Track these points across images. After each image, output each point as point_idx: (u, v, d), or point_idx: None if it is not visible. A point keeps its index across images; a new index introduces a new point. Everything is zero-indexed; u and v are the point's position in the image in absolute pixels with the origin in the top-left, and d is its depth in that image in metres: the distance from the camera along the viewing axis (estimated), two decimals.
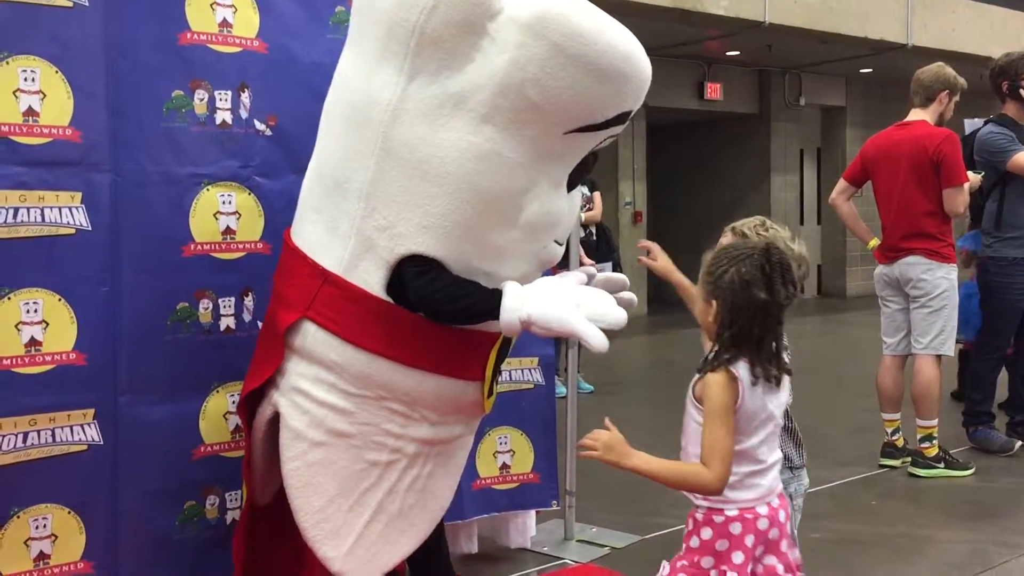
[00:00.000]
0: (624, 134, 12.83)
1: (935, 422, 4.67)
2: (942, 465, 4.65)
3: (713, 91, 13.03)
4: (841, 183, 5.00)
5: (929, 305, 4.61)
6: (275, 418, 2.52)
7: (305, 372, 2.46)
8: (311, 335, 2.43)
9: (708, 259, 2.09)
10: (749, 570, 1.99)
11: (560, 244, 2.53)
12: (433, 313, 2.35)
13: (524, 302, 2.25)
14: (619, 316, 2.23)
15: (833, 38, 11.43)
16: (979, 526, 3.91)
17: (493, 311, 2.28)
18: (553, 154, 2.32)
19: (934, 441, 4.67)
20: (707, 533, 2.02)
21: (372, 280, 2.36)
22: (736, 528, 2.00)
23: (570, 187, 2.50)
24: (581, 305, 2.22)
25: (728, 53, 12.50)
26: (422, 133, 2.26)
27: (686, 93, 12.94)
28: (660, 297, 11.77)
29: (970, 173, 4.77)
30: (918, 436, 4.69)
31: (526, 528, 3.57)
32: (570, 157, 2.38)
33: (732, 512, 2.01)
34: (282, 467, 2.48)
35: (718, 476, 1.94)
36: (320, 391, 2.44)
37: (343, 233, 2.38)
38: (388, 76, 2.28)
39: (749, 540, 2.00)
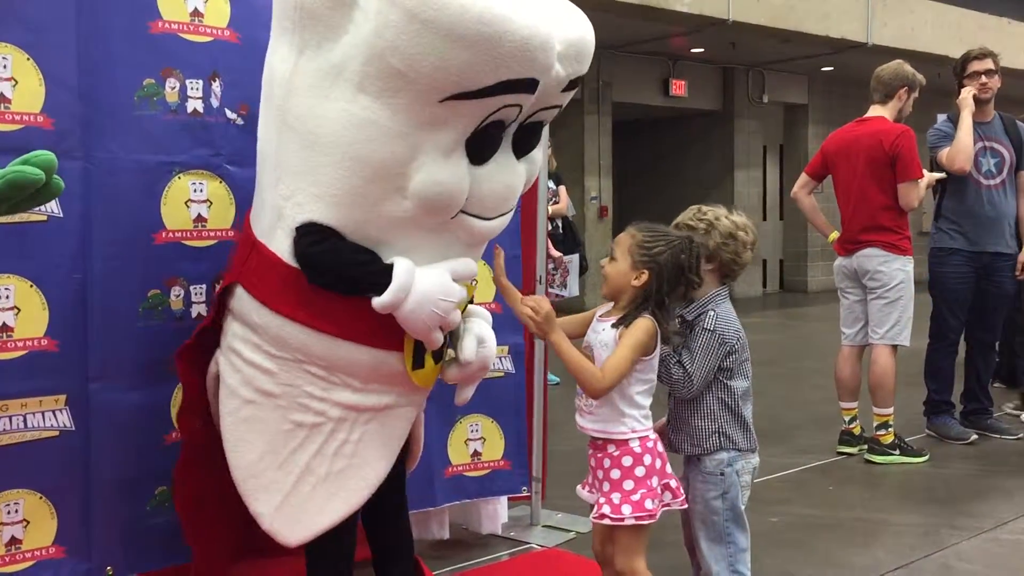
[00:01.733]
0: (590, 129, 12.83)
1: (891, 410, 4.80)
2: (897, 452, 4.78)
3: (678, 88, 13.16)
4: (803, 177, 5.12)
5: (886, 296, 4.74)
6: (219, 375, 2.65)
7: (237, 332, 2.57)
8: (240, 298, 2.55)
9: (639, 236, 2.49)
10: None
11: (484, 219, 2.48)
12: (314, 276, 2.42)
13: (399, 295, 2.35)
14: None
15: (795, 36, 11.61)
16: (932, 510, 4.04)
17: (378, 287, 2.35)
18: (434, 122, 2.28)
19: (890, 429, 4.80)
20: (647, 459, 2.46)
21: (284, 248, 2.45)
22: (660, 447, 2.51)
23: (520, 152, 2.48)
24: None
25: (693, 50, 12.63)
26: (310, 104, 2.34)
27: (651, 89, 13.06)
28: None
29: (926, 171, 4.91)
30: (874, 424, 4.82)
31: (497, 514, 3.62)
32: (455, 125, 2.31)
33: (652, 436, 2.50)
34: (220, 422, 2.59)
35: (605, 386, 2.42)
36: (247, 350, 2.54)
37: (267, 203, 2.50)
38: (284, 51, 2.40)
39: (660, 457, 2.51)
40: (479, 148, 2.37)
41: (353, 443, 2.56)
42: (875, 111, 4.87)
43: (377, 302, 2.35)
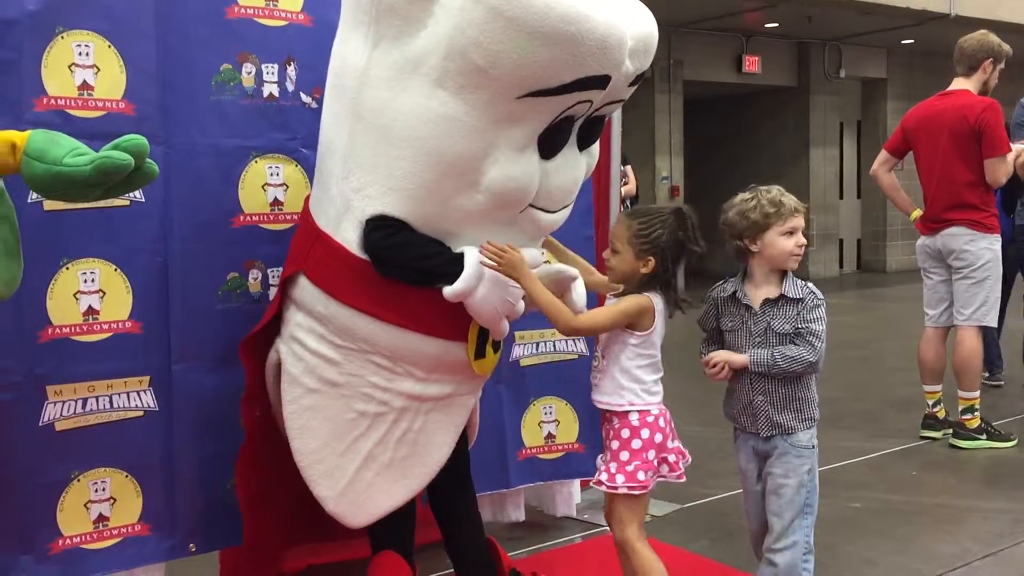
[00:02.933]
0: (661, 108, 12.66)
1: (977, 394, 4.64)
2: (984, 437, 4.62)
3: (751, 64, 12.89)
4: (882, 154, 4.96)
5: (972, 276, 4.57)
6: (280, 363, 2.68)
7: (301, 322, 2.60)
8: (305, 288, 2.57)
9: (634, 225, 2.48)
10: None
11: (550, 212, 2.50)
12: (386, 268, 2.44)
13: (471, 282, 2.37)
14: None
15: (874, 8, 11.24)
16: (1021, 496, 3.89)
17: (450, 277, 2.37)
18: (510, 118, 2.29)
19: (976, 413, 4.64)
20: (645, 432, 2.48)
21: (351, 239, 2.47)
22: (661, 422, 2.51)
23: (582, 145, 2.48)
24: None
25: (767, 25, 12.35)
26: (385, 98, 2.34)
27: (724, 66, 12.82)
28: (698, 270, 11.72)
29: (1017, 144, 4.71)
30: (960, 408, 4.66)
31: (571, 497, 3.60)
32: (531, 121, 2.32)
33: (655, 411, 2.51)
34: (283, 409, 2.62)
35: (576, 327, 2.56)
36: (312, 340, 2.57)
37: (332, 194, 2.51)
38: (358, 43, 2.39)
39: (661, 432, 2.51)
40: (550, 143, 2.39)
41: (415, 431, 2.60)
42: (959, 84, 4.68)
43: (449, 290, 2.37)
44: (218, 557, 2.93)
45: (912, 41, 13.41)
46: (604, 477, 2.49)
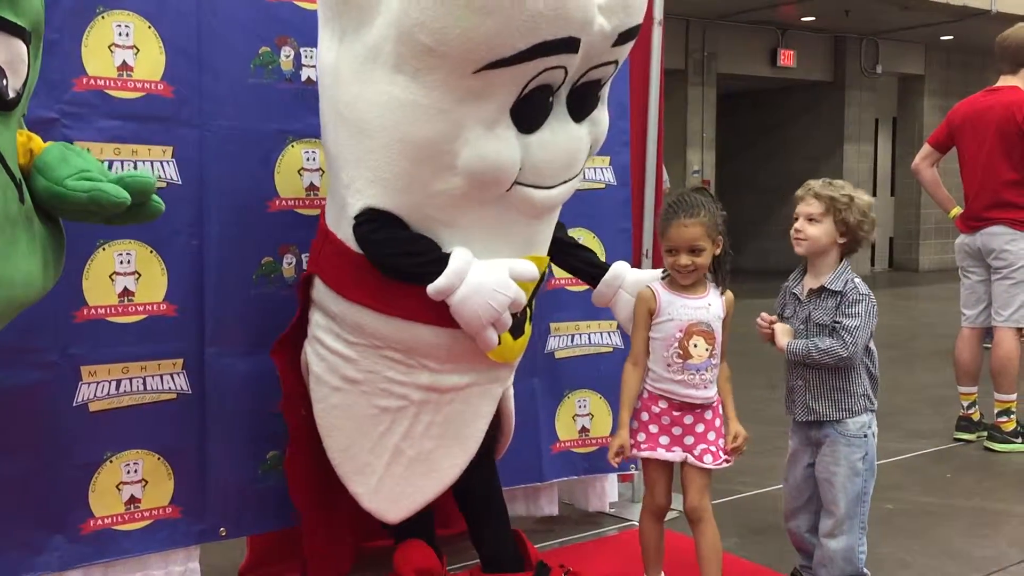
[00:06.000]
0: (693, 101, 12.61)
1: (1014, 396, 4.56)
2: (1020, 440, 4.54)
3: (786, 58, 12.76)
4: (925, 148, 4.86)
5: (1012, 277, 4.49)
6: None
7: (320, 322, 2.62)
8: (319, 288, 2.61)
9: (714, 214, 2.57)
10: None
11: (543, 188, 2.43)
12: (374, 262, 2.44)
13: (453, 280, 2.35)
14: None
15: (914, 3, 11.09)
16: None
17: (433, 276, 2.35)
18: (471, 95, 2.23)
19: (1012, 415, 4.56)
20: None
21: (349, 235, 2.47)
22: None
23: (578, 115, 2.41)
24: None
25: (803, 19, 12.21)
26: (355, 91, 2.34)
27: (758, 60, 12.70)
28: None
29: None
30: (995, 410, 4.58)
31: (604, 492, 3.56)
32: (495, 95, 2.25)
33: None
34: (313, 410, 2.64)
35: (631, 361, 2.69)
36: (330, 339, 2.59)
37: (333, 193, 2.54)
38: (328, 40, 2.41)
39: None
40: (526, 116, 2.32)
41: (439, 424, 2.58)
42: (1006, 81, 4.58)
43: (431, 287, 2.35)
44: (247, 543, 2.93)
45: (951, 37, 13.21)
46: (709, 459, 2.59)
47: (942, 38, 13.37)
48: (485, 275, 2.37)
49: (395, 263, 2.42)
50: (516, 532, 2.86)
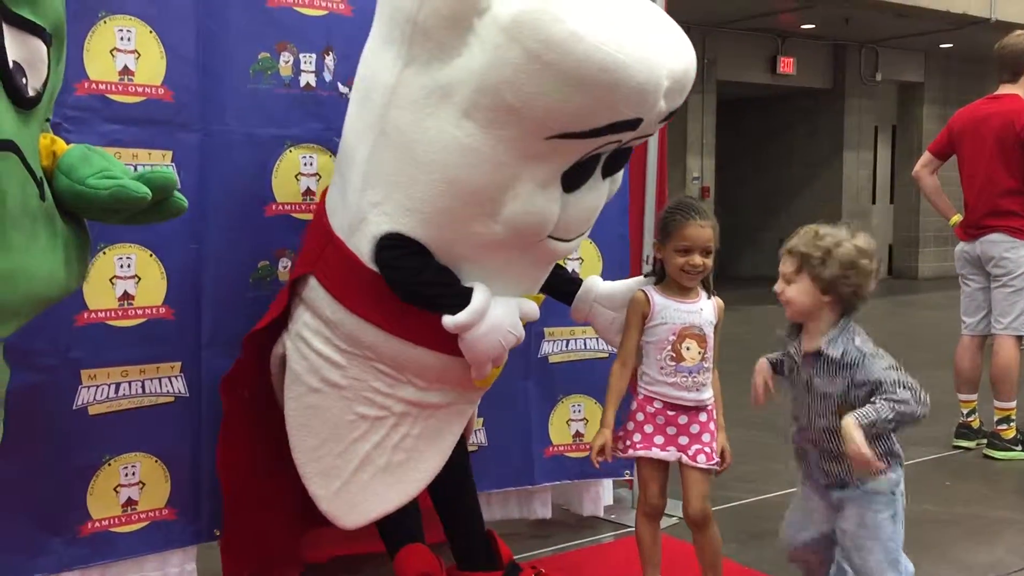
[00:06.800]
0: (693, 108, 12.60)
1: (1013, 404, 4.56)
2: (1020, 448, 4.54)
3: (786, 65, 12.78)
4: (926, 155, 4.87)
5: (1011, 284, 4.49)
6: (285, 357, 2.69)
7: (308, 322, 2.61)
8: (314, 288, 2.58)
9: (716, 224, 2.62)
10: None
11: (566, 240, 2.48)
12: (394, 285, 2.44)
13: (474, 318, 2.37)
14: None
15: (913, 11, 11.11)
16: None
17: (453, 308, 2.38)
18: (536, 156, 2.26)
19: (1012, 423, 4.56)
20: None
21: (363, 250, 2.46)
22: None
23: (606, 174, 2.46)
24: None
25: (803, 26, 12.24)
26: (411, 119, 2.31)
27: (758, 67, 12.73)
28: (727, 274, 11.65)
29: None
30: (995, 418, 4.59)
31: (599, 497, 3.57)
32: (557, 160, 2.29)
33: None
34: (284, 405, 2.64)
35: (619, 362, 2.75)
36: (318, 341, 2.58)
37: (348, 202, 2.50)
38: (389, 59, 2.35)
39: None
40: (574, 178, 2.36)
41: (413, 437, 2.60)
42: (1006, 89, 4.59)
43: (450, 320, 2.36)
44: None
45: (951, 45, 13.24)
46: (703, 459, 2.60)
47: (942, 46, 13.40)
48: (502, 315, 2.42)
49: (417, 291, 2.43)
50: (490, 532, 2.90)
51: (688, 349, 2.59)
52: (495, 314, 2.40)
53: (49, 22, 1.77)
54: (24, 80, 1.69)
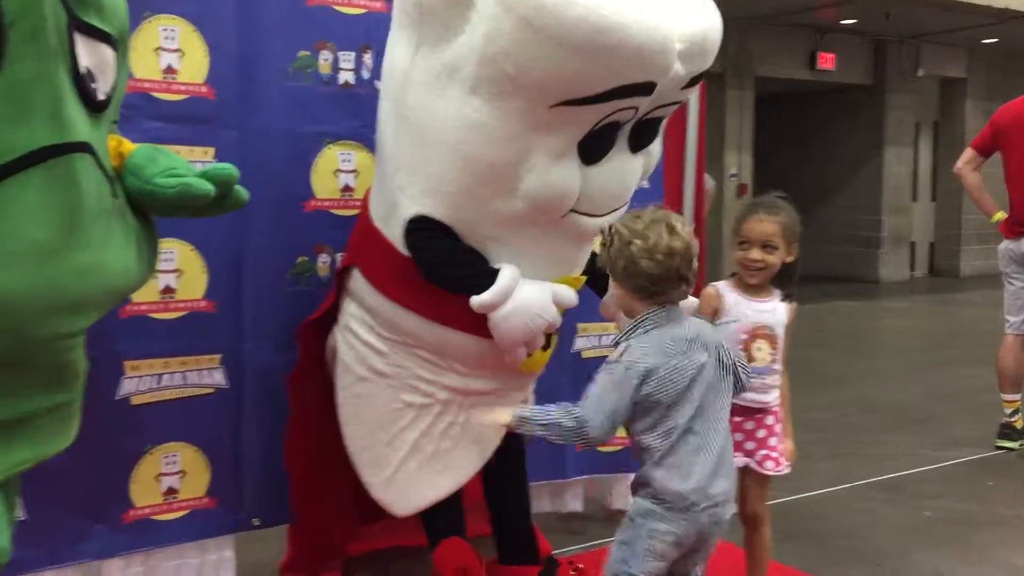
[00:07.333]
0: (731, 104, 12.47)
1: None
2: None
3: (826, 61, 12.62)
4: (968, 152, 4.80)
5: None
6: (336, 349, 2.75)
7: (354, 312, 2.66)
8: (357, 279, 2.63)
9: (787, 220, 2.56)
10: None
11: (595, 216, 2.43)
12: (422, 268, 2.46)
13: (499, 297, 2.33)
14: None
15: (956, 6, 10.92)
16: None
17: (479, 289, 2.34)
18: (544, 126, 2.24)
19: None
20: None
21: (396, 235, 2.49)
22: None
23: (636, 147, 2.42)
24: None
25: (843, 21, 12.08)
26: (424, 101, 2.34)
27: (797, 63, 12.58)
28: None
29: None
30: None
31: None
32: (568, 129, 2.27)
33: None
34: (336, 395, 2.70)
35: None
36: (363, 331, 2.62)
37: (383, 190, 2.55)
38: (403, 46, 2.39)
39: None
40: (593, 149, 2.34)
41: (459, 425, 2.61)
42: None
43: (476, 300, 2.34)
44: (286, 533, 2.97)
45: (995, 40, 12.99)
46: (771, 465, 2.57)
47: (984, 41, 13.15)
48: (530, 297, 2.38)
49: (444, 272, 2.44)
50: (532, 528, 2.90)
51: (759, 350, 2.53)
52: (523, 295, 2.36)
53: (115, 28, 1.83)
54: (94, 85, 1.75)
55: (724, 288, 2.59)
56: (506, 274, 2.37)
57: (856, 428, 5.01)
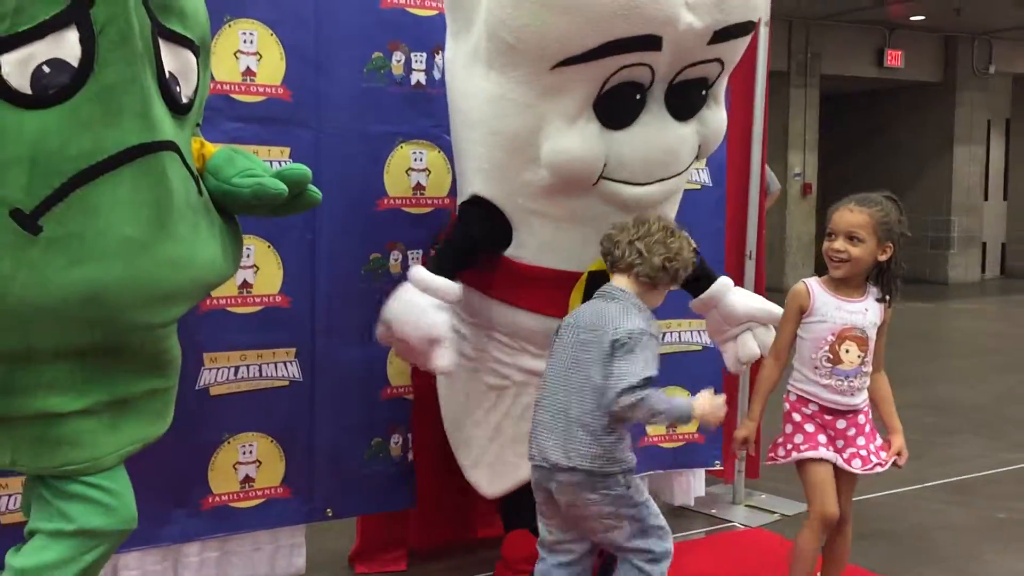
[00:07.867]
0: (795, 103, 12.28)
1: None
2: None
3: (894, 58, 12.40)
4: None
5: None
6: None
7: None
8: None
9: (876, 214, 2.44)
10: None
11: (636, 184, 2.41)
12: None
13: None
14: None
15: None
16: None
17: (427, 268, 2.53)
18: (551, 90, 2.30)
19: None
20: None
21: None
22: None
23: (682, 113, 2.41)
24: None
25: (912, 18, 11.85)
26: (461, 86, 2.51)
27: (864, 60, 12.38)
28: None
29: None
30: None
31: (690, 487, 3.59)
32: (574, 91, 2.29)
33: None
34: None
35: (775, 355, 2.64)
36: (451, 317, 2.66)
37: (459, 178, 2.72)
38: (449, 39, 2.57)
39: None
40: (612, 112, 2.34)
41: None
42: None
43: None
44: (356, 530, 3.06)
45: None
46: (858, 463, 2.51)
47: None
48: (409, 302, 2.47)
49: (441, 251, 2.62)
50: None
51: (847, 352, 2.44)
52: (410, 296, 2.47)
53: (197, 35, 1.92)
54: (178, 88, 1.84)
55: (814, 285, 2.51)
56: (424, 273, 2.48)
57: (928, 429, 4.93)
